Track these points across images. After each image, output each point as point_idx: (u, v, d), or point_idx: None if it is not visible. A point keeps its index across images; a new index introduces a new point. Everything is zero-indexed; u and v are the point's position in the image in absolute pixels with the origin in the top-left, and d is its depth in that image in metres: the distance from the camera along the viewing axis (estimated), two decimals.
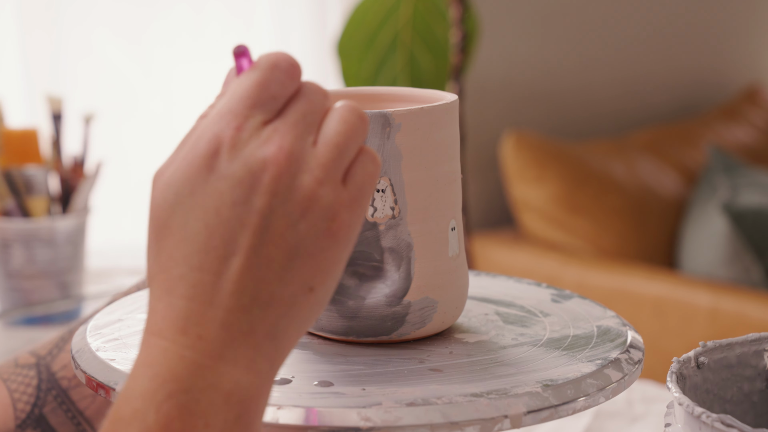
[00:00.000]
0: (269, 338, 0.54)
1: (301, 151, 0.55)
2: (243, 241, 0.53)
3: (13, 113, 1.93)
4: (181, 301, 0.53)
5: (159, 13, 2.21)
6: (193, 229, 0.54)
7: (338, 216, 0.55)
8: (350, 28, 1.91)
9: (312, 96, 0.57)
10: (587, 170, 2.49)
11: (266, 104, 0.56)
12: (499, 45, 2.64)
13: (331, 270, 0.55)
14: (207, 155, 0.54)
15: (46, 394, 0.84)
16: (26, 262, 1.36)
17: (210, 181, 0.54)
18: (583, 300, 0.80)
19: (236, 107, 0.55)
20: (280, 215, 0.54)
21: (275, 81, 0.56)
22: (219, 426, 0.52)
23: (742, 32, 3.19)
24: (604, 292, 2.28)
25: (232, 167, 0.54)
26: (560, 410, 0.64)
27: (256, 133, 0.55)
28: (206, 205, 0.54)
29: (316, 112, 0.57)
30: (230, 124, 0.55)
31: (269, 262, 0.54)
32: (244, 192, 0.54)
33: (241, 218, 0.54)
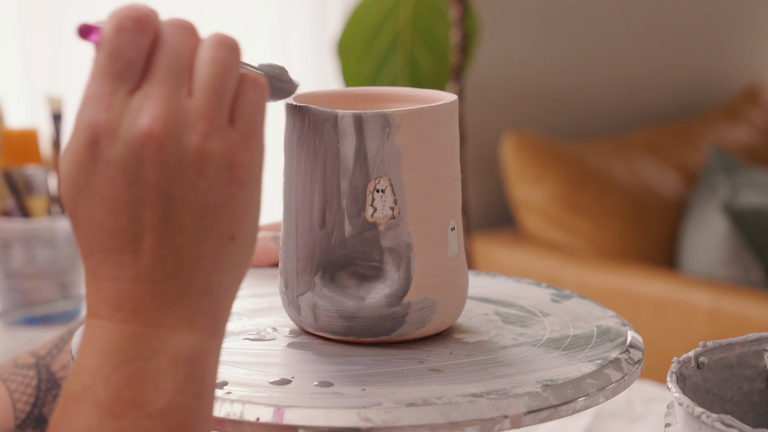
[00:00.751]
0: (204, 295, 0.55)
1: (177, 111, 0.53)
2: (149, 217, 0.53)
3: (13, 113, 1.93)
4: (107, 282, 0.54)
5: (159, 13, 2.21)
6: (98, 217, 0.54)
7: (235, 160, 0.54)
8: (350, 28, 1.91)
9: (174, 42, 0.55)
10: (587, 170, 2.49)
11: (125, 72, 0.54)
12: (499, 45, 2.63)
13: (247, 212, 0.55)
14: (87, 145, 0.54)
15: (45, 394, 0.84)
16: (26, 262, 1.36)
17: (98, 169, 0.53)
18: (582, 300, 0.80)
19: (97, 87, 0.54)
20: (176, 182, 0.53)
21: (125, 45, 0.54)
22: (170, 387, 0.53)
23: (742, 32, 3.19)
24: (604, 292, 2.28)
25: (115, 151, 0.53)
26: (560, 410, 0.64)
27: (126, 107, 0.53)
28: (103, 192, 0.53)
29: (183, 56, 0.55)
30: (98, 107, 0.54)
31: (181, 227, 0.54)
32: (133, 172, 0.53)
33: (139, 197, 0.53)
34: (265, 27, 2.31)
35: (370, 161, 0.69)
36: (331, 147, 0.70)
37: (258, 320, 0.76)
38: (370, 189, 0.69)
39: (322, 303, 0.71)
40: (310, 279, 0.71)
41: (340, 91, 0.77)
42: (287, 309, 0.74)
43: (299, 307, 0.72)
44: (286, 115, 0.73)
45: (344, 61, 1.91)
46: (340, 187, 0.69)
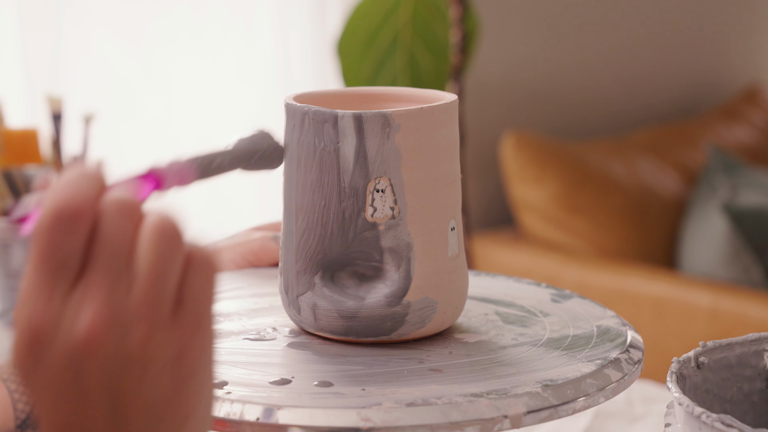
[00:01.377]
0: None
1: (117, 310, 0.51)
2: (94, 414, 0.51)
3: (13, 113, 1.93)
4: None
5: (159, 12, 2.21)
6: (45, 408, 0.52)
7: (182, 354, 0.52)
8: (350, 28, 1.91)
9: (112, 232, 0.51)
10: (587, 170, 2.49)
11: (62, 267, 0.51)
12: (500, 45, 2.63)
13: (198, 399, 0.53)
14: (28, 345, 0.51)
15: None
16: (26, 262, 1.36)
17: (40, 368, 0.51)
18: (582, 300, 0.80)
19: (35, 283, 0.51)
20: (120, 382, 0.51)
21: (60, 240, 0.51)
22: None
23: (742, 32, 3.19)
24: (604, 292, 2.28)
25: (54, 355, 0.51)
26: (560, 410, 0.64)
27: (65, 306, 0.51)
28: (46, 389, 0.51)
29: (122, 247, 0.51)
30: (36, 306, 0.51)
31: (129, 422, 0.52)
32: (73, 375, 0.51)
33: (82, 397, 0.51)
34: (264, 26, 2.31)
35: (370, 161, 0.69)
36: (331, 147, 0.70)
37: (258, 320, 0.76)
38: (370, 189, 0.69)
39: (322, 303, 0.71)
40: (310, 279, 0.71)
41: (340, 91, 0.77)
42: (287, 309, 0.74)
43: (299, 307, 0.72)
44: (287, 115, 0.73)
45: (344, 61, 1.91)
46: (340, 187, 0.70)
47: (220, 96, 2.29)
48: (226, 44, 2.28)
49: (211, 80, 2.28)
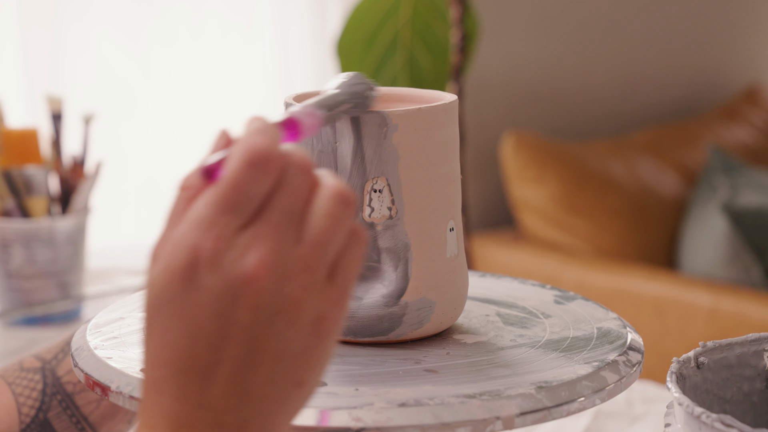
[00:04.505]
0: (260, 431, 0.54)
1: (283, 258, 0.53)
2: (227, 351, 0.53)
3: (13, 113, 1.93)
4: (169, 400, 0.53)
5: (158, 10, 2.21)
6: (174, 336, 0.53)
7: (325, 316, 0.54)
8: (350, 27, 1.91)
9: (293, 185, 0.54)
10: (587, 170, 2.49)
11: (242, 207, 0.53)
12: (499, 45, 2.63)
13: (320, 363, 0.55)
14: (185, 267, 0.53)
15: (50, 398, 0.84)
16: (26, 262, 1.36)
17: (189, 292, 0.53)
18: (586, 302, 0.79)
19: (210, 215, 0.53)
20: (265, 326, 0.53)
21: (249, 182, 0.53)
22: None
23: (742, 33, 3.19)
24: (604, 292, 2.27)
25: (212, 281, 0.52)
26: (554, 412, 0.64)
27: (234, 241, 0.53)
28: (186, 315, 0.53)
29: (299, 201, 0.54)
30: (206, 234, 0.53)
31: (257, 367, 0.53)
32: (225, 306, 0.52)
33: (223, 330, 0.53)
34: (264, 25, 2.31)
35: (367, 161, 0.69)
36: (329, 147, 0.69)
37: None
38: (367, 189, 0.69)
39: None
40: None
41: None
42: None
43: None
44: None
45: (344, 61, 1.91)
46: None
47: (219, 95, 2.29)
48: (225, 43, 2.28)
49: (210, 79, 2.28)
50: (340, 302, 0.54)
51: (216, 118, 2.29)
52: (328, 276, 0.54)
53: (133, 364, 0.68)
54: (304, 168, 0.54)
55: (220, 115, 2.30)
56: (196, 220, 0.53)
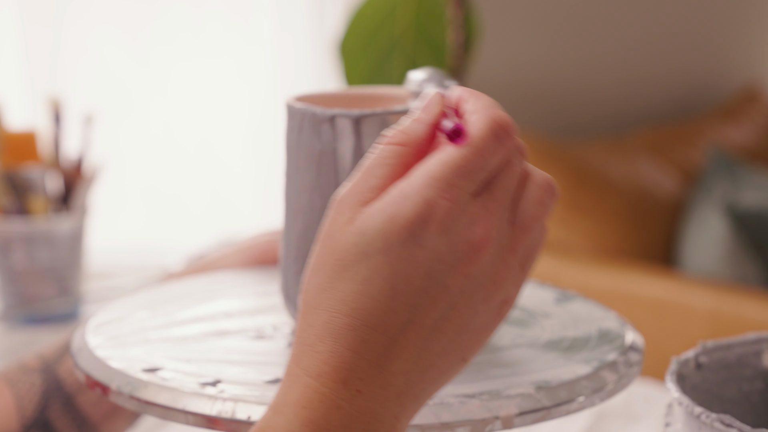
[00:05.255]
0: (416, 399, 0.54)
1: (501, 235, 0.54)
2: (425, 313, 0.52)
3: (13, 113, 1.93)
4: (348, 352, 0.52)
5: (158, 11, 2.20)
6: (377, 287, 0.52)
7: (510, 299, 0.55)
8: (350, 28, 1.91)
9: (515, 164, 0.55)
10: (587, 170, 2.49)
11: (479, 175, 0.53)
12: (500, 45, 2.64)
13: (483, 340, 0.55)
14: (414, 221, 0.52)
15: (51, 398, 0.84)
16: (26, 262, 1.36)
17: (408, 246, 0.52)
18: (586, 301, 0.79)
19: (449, 176, 0.53)
20: (467, 297, 0.53)
21: (491, 151, 0.54)
22: None
23: (741, 33, 3.19)
24: (604, 292, 2.27)
25: (438, 242, 0.52)
26: (553, 412, 0.64)
27: (466, 208, 0.53)
28: (398, 268, 0.52)
29: (517, 181, 0.55)
30: (443, 194, 0.52)
31: (440, 335, 0.53)
32: (442, 269, 0.52)
33: (430, 291, 0.52)
34: (264, 26, 2.31)
35: None
36: (329, 147, 0.69)
37: (259, 319, 0.76)
38: None
39: None
40: None
41: (340, 91, 0.77)
42: (286, 308, 0.74)
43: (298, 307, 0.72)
44: (287, 117, 0.73)
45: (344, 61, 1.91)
46: (338, 187, 0.69)
47: (219, 95, 2.29)
48: (225, 43, 2.28)
49: (210, 79, 2.28)
50: (521, 287, 0.55)
51: (216, 118, 2.29)
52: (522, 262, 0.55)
53: (133, 364, 0.68)
54: (521, 149, 0.55)
55: (219, 115, 2.30)
56: (433, 177, 0.53)
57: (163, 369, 0.67)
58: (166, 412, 0.64)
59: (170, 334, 0.73)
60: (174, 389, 0.65)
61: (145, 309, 0.78)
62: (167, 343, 0.71)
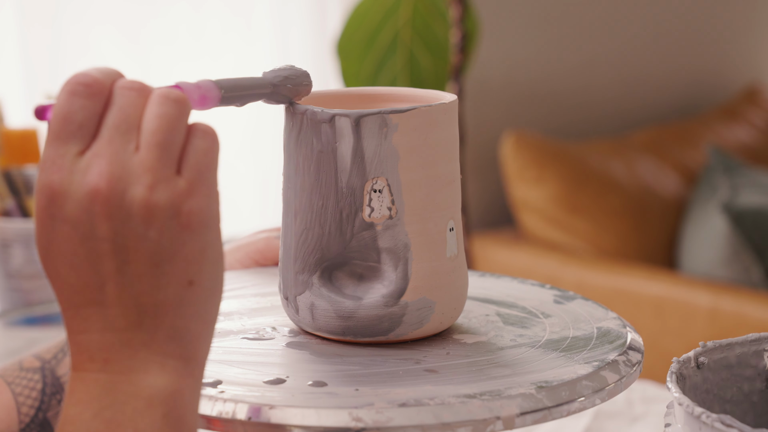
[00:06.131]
0: (170, 339, 0.57)
1: (123, 166, 0.56)
2: (106, 268, 0.56)
3: (13, 113, 1.93)
4: (80, 335, 0.56)
5: (158, 11, 2.20)
6: (63, 273, 0.56)
7: (183, 208, 0.56)
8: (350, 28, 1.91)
9: (121, 102, 0.57)
10: (587, 170, 2.49)
11: (76, 134, 0.56)
12: (500, 45, 2.63)
13: (203, 258, 0.57)
14: (45, 206, 0.56)
15: (50, 398, 0.84)
16: (26, 262, 1.36)
17: (56, 228, 0.56)
18: (586, 301, 0.79)
19: (50, 151, 0.56)
20: (126, 234, 0.55)
21: (76, 109, 0.56)
22: (148, 428, 0.56)
23: (742, 33, 3.19)
24: (604, 292, 2.27)
25: (68, 210, 0.56)
26: (554, 412, 0.64)
27: (76, 166, 0.56)
28: (63, 249, 0.56)
29: (130, 115, 0.57)
30: (51, 168, 0.56)
31: (138, 276, 0.56)
32: (85, 227, 0.55)
33: (94, 250, 0.56)
34: (264, 26, 2.31)
35: (367, 161, 0.69)
36: (329, 147, 0.69)
37: (258, 319, 0.76)
38: (367, 189, 0.69)
39: (319, 303, 0.71)
40: (308, 279, 0.71)
41: (340, 91, 0.77)
42: (286, 308, 0.74)
43: (297, 307, 0.72)
44: (286, 116, 0.73)
45: (344, 61, 1.91)
46: (338, 187, 0.69)
47: None
48: (225, 43, 2.28)
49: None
50: (197, 193, 0.56)
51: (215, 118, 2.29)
52: (176, 172, 0.56)
53: None
54: (133, 87, 0.57)
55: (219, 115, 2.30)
56: (42, 161, 0.57)
57: None
58: None
59: None
60: None
61: None
62: None
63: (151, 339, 0.56)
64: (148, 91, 0.58)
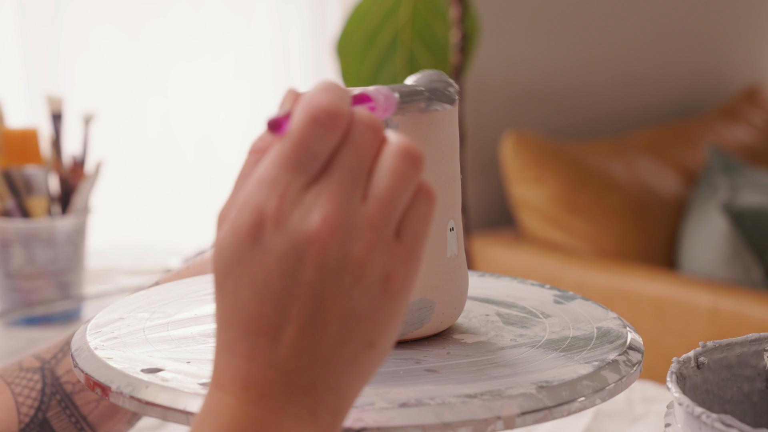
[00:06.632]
0: (331, 392, 0.54)
1: (348, 216, 0.52)
2: (295, 311, 0.53)
3: (13, 113, 1.93)
4: (240, 360, 0.54)
5: (158, 10, 2.21)
6: (244, 296, 0.53)
7: (393, 274, 0.53)
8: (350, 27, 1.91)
9: (359, 142, 0.53)
10: (587, 170, 2.49)
11: (307, 165, 0.53)
12: (499, 45, 2.63)
13: (391, 323, 0.54)
14: (251, 227, 0.53)
15: (50, 398, 0.84)
16: (26, 262, 1.36)
17: (256, 252, 0.53)
18: (585, 301, 0.79)
19: (275, 173, 0.53)
20: (331, 285, 0.53)
21: (314, 139, 0.53)
22: None
23: (742, 33, 3.19)
24: (604, 293, 2.28)
25: (277, 241, 0.52)
26: (554, 412, 0.64)
27: (299, 200, 0.52)
28: (255, 275, 0.53)
29: (365, 159, 0.53)
30: (271, 193, 0.52)
31: (325, 326, 0.53)
32: (290, 266, 0.52)
33: (290, 290, 0.53)
34: (264, 25, 2.31)
35: None
36: None
37: None
38: None
39: None
40: None
41: None
42: None
43: None
44: None
45: (344, 61, 1.91)
46: None
47: (219, 95, 2.29)
48: (225, 43, 2.28)
49: (210, 79, 2.28)
50: (409, 260, 0.54)
51: (216, 118, 2.29)
52: (395, 234, 0.54)
53: (133, 364, 0.68)
54: (371, 125, 0.54)
55: (219, 115, 2.30)
56: (261, 179, 0.53)
57: (163, 369, 0.67)
58: (166, 412, 0.64)
59: (170, 334, 0.73)
60: (174, 390, 0.64)
61: (145, 309, 0.78)
62: (167, 344, 0.71)
63: (313, 387, 0.54)
64: (383, 134, 0.54)
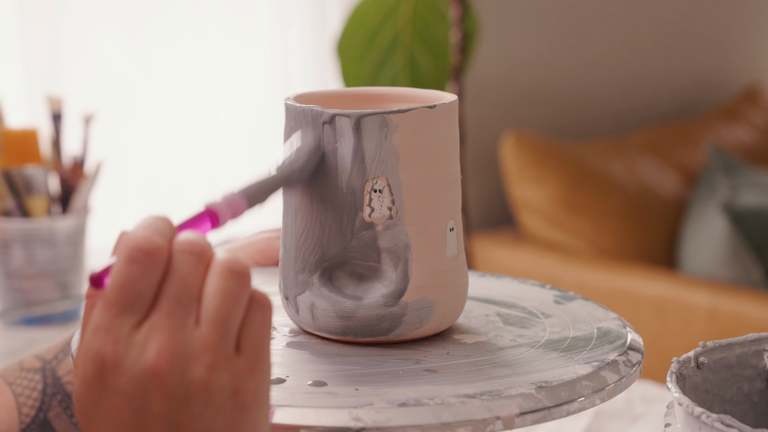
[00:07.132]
0: None
1: (183, 344, 0.54)
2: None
3: (13, 113, 1.93)
4: None
5: (158, 10, 2.20)
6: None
7: (242, 388, 0.55)
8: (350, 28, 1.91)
9: (182, 271, 0.55)
10: (587, 170, 2.49)
11: (134, 305, 0.54)
12: (500, 45, 2.63)
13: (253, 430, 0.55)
14: (95, 375, 0.54)
15: (51, 398, 0.84)
16: (26, 262, 1.36)
17: (106, 396, 0.54)
18: (586, 302, 0.79)
19: (106, 319, 0.54)
20: (182, 412, 0.54)
21: (135, 278, 0.54)
22: None
23: (742, 33, 3.19)
24: (604, 293, 2.28)
25: (121, 382, 0.54)
26: (554, 412, 0.64)
27: (132, 340, 0.54)
28: (111, 417, 0.54)
29: (191, 286, 0.55)
30: (106, 339, 0.54)
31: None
32: (139, 403, 0.54)
33: (145, 425, 0.54)
34: (264, 25, 2.31)
35: (367, 161, 0.69)
36: (329, 147, 0.69)
37: None
38: (367, 189, 0.69)
39: (319, 302, 0.71)
40: (308, 278, 0.71)
41: (340, 91, 0.77)
42: (286, 308, 0.74)
43: (297, 307, 0.72)
44: (286, 115, 0.73)
45: (344, 61, 1.91)
46: (338, 187, 0.69)
47: (219, 95, 2.29)
48: (225, 43, 2.28)
49: (210, 79, 2.28)
50: (254, 371, 0.55)
51: (216, 118, 2.29)
52: (236, 349, 0.55)
53: None
54: (193, 251, 0.55)
55: (219, 115, 2.30)
56: (95, 327, 0.55)
57: None
58: None
59: None
60: None
61: None
62: None
63: None
64: (208, 257, 0.55)
